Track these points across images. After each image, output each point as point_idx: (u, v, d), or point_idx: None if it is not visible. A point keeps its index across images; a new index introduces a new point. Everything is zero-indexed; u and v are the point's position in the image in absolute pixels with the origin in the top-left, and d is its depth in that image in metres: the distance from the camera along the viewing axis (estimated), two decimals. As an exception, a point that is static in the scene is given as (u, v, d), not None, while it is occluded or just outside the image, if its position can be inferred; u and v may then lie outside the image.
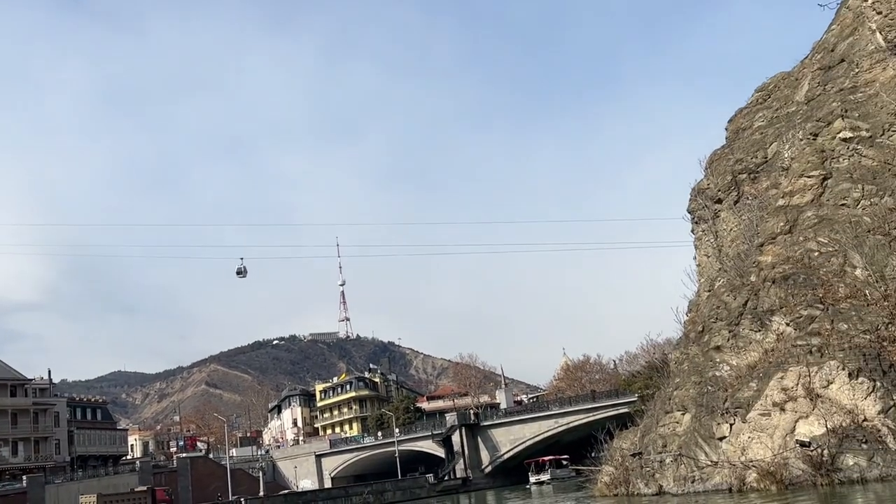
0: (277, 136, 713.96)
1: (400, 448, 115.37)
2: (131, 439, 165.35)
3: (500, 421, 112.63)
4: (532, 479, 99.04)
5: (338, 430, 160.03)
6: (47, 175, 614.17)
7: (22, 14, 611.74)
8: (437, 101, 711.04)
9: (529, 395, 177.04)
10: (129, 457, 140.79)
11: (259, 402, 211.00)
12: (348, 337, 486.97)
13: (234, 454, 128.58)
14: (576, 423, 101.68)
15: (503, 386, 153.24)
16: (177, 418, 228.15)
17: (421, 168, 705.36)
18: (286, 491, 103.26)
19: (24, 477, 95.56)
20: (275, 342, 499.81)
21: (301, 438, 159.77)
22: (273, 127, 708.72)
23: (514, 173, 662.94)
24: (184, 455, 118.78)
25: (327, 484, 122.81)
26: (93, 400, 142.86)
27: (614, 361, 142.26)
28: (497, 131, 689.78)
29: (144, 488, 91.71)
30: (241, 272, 74.58)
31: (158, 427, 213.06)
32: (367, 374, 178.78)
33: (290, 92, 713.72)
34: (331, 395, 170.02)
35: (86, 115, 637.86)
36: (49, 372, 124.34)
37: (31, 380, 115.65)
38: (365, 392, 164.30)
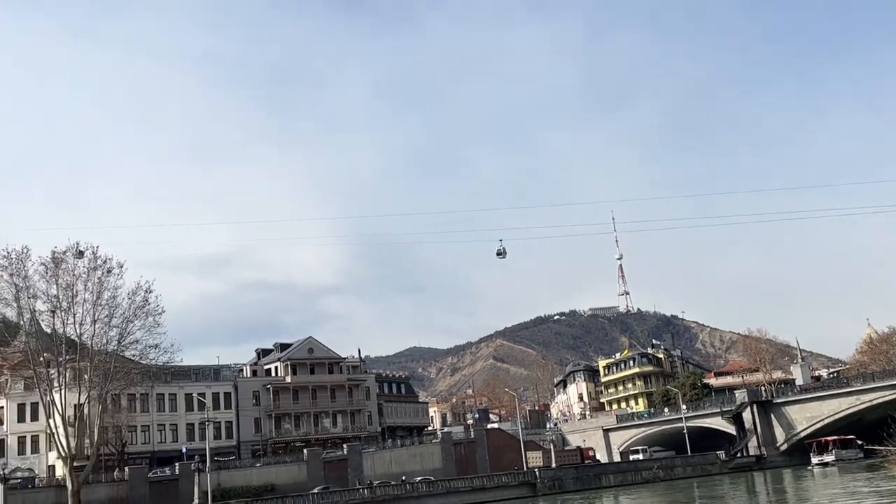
0: (546, 112, 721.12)
1: (687, 424, 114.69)
2: (431, 411, 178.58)
3: (795, 398, 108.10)
4: (814, 459, 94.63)
5: (623, 405, 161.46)
6: (336, 169, 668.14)
7: (303, 23, 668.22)
8: (713, 61, 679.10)
9: (830, 370, 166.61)
10: (430, 427, 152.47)
11: (544, 377, 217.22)
12: (629, 311, 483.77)
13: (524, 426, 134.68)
14: (880, 401, 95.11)
15: (799, 360, 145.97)
16: (469, 391, 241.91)
17: (697, 134, 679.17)
18: (578, 463, 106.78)
19: (345, 445, 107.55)
20: (556, 318, 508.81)
21: (587, 413, 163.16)
22: (542, 104, 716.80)
23: (799, 133, 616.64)
24: (480, 426, 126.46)
25: (616, 458, 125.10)
26: (396, 375, 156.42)
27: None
28: (780, 90, 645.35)
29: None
30: (501, 253, 78.34)
31: (454, 399, 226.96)
32: (650, 350, 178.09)
33: (556, 67, 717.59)
34: (614, 370, 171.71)
35: (367, 111, 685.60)
36: (359, 351, 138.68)
37: (345, 358, 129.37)
38: (649, 368, 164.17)
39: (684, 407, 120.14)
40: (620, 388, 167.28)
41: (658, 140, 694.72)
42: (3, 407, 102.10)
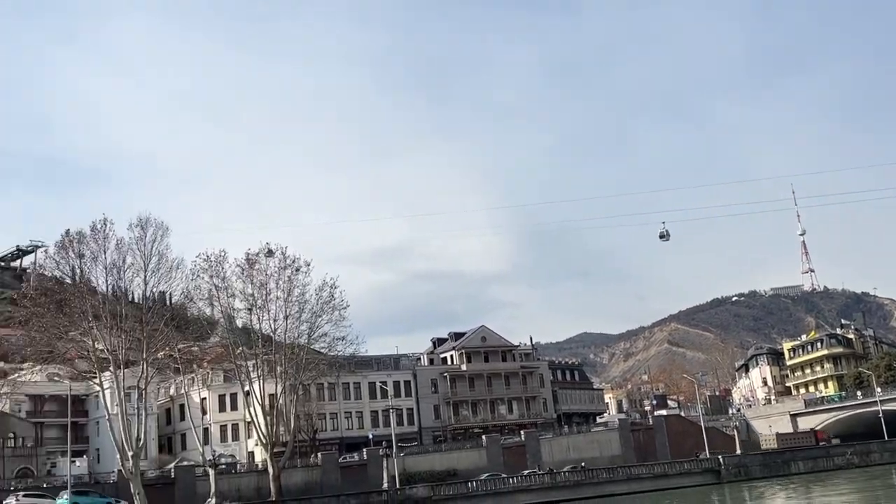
0: (714, 84, 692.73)
1: (883, 408, 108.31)
2: (606, 397, 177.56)
3: None
4: None
5: (811, 388, 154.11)
6: (500, 156, 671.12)
7: (460, 13, 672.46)
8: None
9: None
10: (605, 414, 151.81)
11: (724, 360, 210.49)
12: (814, 290, 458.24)
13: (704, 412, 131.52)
14: None
15: None
16: (645, 377, 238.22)
17: (879, 100, 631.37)
18: (765, 449, 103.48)
19: (521, 432, 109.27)
20: (734, 299, 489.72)
21: (772, 398, 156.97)
22: (708, 76, 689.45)
23: None
24: (658, 413, 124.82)
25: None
26: (569, 362, 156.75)
27: None
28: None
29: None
30: (664, 236, 76.67)
31: (629, 386, 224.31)
32: (839, 330, 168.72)
33: (722, 35, 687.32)
34: (800, 353, 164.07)
35: (527, 96, 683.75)
36: (531, 339, 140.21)
37: (517, 346, 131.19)
38: (838, 349, 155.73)
39: (879, 390, 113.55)
40: (808, 371, 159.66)
41: (836, 107, 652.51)
42: (205, 398, 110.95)
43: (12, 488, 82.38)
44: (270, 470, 76.03)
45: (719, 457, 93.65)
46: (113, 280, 65.77)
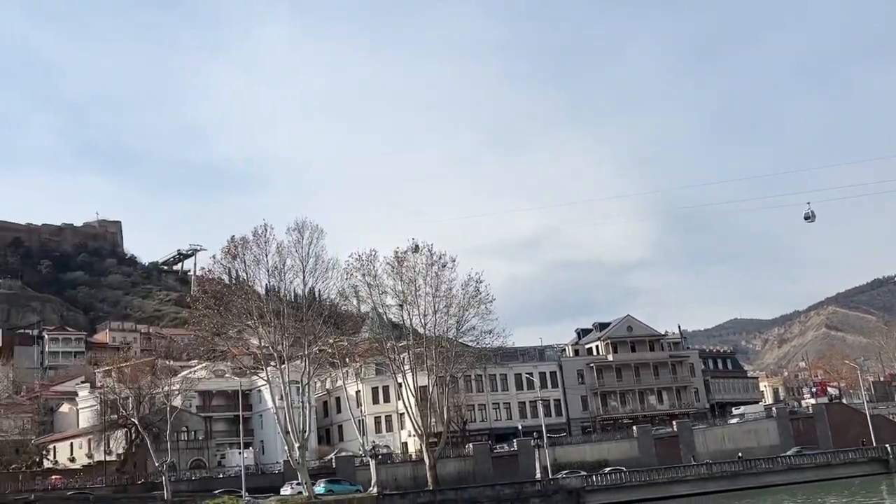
0: (864, 53, 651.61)
1: None
2: (761, 386, 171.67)
3: None
4: None
5: None
6: (636, 142, 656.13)
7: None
8: None
9: None
10: (761, 403, 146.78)
11: (888, 344, 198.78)
12: None
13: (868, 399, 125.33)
14: None
15: None
16: (802, 363, 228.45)
17: None
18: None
19: (674, 422, 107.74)
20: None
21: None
22: (857, 45, 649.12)
23: None
24: (817, 401, 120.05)
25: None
26: (720, 350, 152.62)
27: None
28: None
29: None
30: (809, 217, 73.37)
31: (785, 373, 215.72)
32: None
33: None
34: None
35: (666, 78, 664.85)
36: (679, 327, 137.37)
37: (665, 335, 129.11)
38: None
39: None
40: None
41: None
42: (359, 391, 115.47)
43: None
44: (427, 460, 78.73)
45: (887, 446, 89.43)
46: (275, 281, 69.99)
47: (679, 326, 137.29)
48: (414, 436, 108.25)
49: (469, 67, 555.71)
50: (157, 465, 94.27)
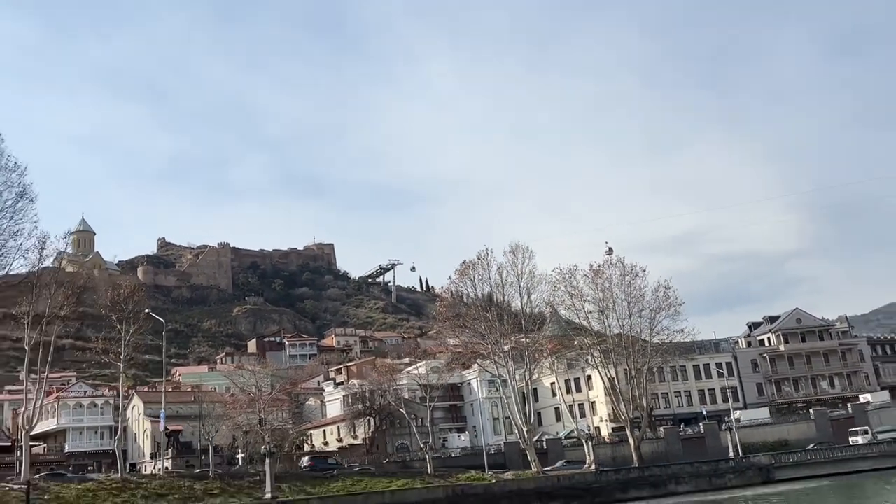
0: None
1: None
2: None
3: None
4: None
5: None
6: (787, 134, 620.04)
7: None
8: None
9: None
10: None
11: None
12: None
13: None
14: None
15: None
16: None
17: None
18: None
19: (848, 405, 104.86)
20: None
21: None
22: None
23: None
24: None
25: None
26: (887, 337, 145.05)
27: None
28: None
29: None
30: None
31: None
32: None
33: None
34: None
35: (811, 72, 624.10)
36: (846, 318, 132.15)
37: (833, 324, 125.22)
38: None
39: None
40: None
41: None
42: (554, 382, 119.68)
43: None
44: (631, 441, 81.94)
45: None
46: (497, 295, 75.88)
47: (846, 317, 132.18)
48: (605, 421, 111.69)
49: (622, 77, 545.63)
50: (396, 445, 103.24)
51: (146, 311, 61.30)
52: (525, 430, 76.12)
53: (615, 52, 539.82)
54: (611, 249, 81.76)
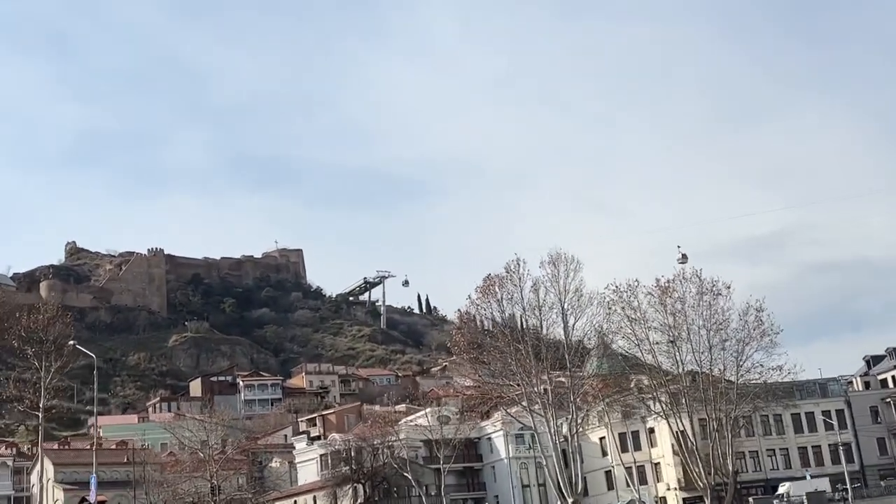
0: None
1: None
2: None
3: None
4: None
5: None
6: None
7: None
8: None
9: None
10: None
11: None
12: None
13: None
14: None
15: None
16: None
17: None
18: None
19: None
20: None
21: None
22: None
23: None
24: None
25: None
26: None
27: None
28: None
29: None
30: None
31: None
32: None
33: None
34: None
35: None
36: None
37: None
38: None
39: None
40: None
41: None
42: (604, 437, 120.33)
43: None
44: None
45: None
46: (534, 319, 76.82)
47: None
48: (674, 489, 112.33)
49: (685, 26, 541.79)
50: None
51: (72, 343, 62.11)
52: (570, 501, 76.92)
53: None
54: (685, 256, 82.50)
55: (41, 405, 62.99)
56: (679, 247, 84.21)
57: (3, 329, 68.54)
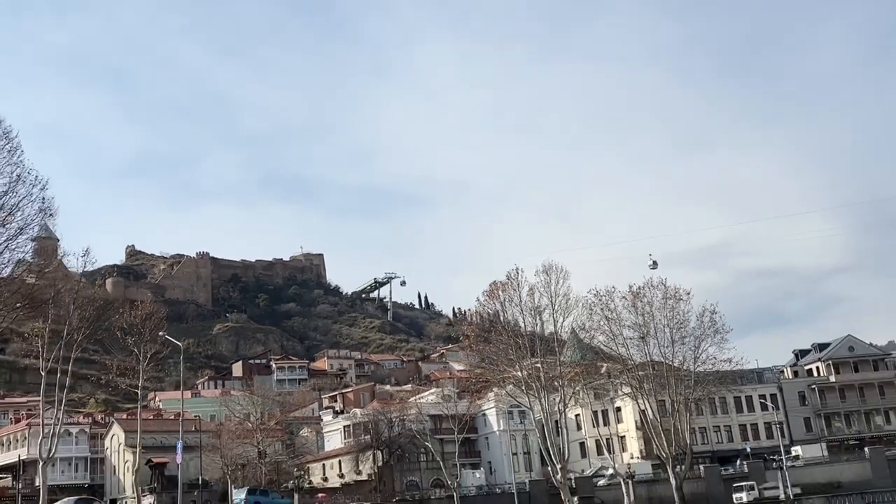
0: None
1: None
2: None
3: None
4: None
5: None
6: (824, 139, 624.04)
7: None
8: None
9: None
10: None
11: None
12: None
13: None
14: None
15: None
16: None
17: None
18: None
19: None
20: None
21: None
22: None
23: None
24: None
25: None
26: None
27: None
28: None
29: None
30: None
31: None
32: None
33: None
34: None
35: (855, 67, 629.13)
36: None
37: (890, 353, 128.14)
38: None
39: None
40: None
41: None
42: (579, 414, 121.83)
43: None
44: (673, 481, 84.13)
45: None
46: (531, 319, 78.44)
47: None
48: (636, 458, 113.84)
49: (645, 67, 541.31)
50: (405, 482, 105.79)
51: (162, 333, 63.72)
52: (559, 466, 78.28)
53: (639, 37, 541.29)
54: (655, 263, 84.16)
55: (139, 384, 64.35)
56: (651, 255, 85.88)
57: (105, 320, 69.42)
